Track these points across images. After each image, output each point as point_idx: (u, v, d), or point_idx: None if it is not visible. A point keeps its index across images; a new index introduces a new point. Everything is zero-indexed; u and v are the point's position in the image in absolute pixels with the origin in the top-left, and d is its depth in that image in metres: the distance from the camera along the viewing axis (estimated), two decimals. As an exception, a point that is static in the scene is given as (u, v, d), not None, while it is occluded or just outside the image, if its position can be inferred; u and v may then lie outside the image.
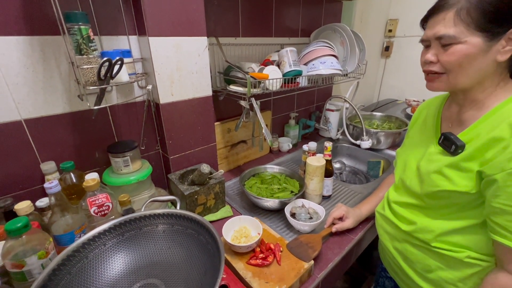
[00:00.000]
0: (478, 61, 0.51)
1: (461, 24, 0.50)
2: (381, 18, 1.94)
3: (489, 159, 0.50)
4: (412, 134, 0.76)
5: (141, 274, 0.58)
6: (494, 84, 0.55)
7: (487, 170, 0.50)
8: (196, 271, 0.57)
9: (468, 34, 0.50)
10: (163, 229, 0.65)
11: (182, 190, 0.83)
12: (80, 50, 0.59)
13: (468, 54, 0.51)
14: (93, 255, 0.57)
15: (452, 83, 0.55)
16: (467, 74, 0.53)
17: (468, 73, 0.53)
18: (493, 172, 0.49)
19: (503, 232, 0.50)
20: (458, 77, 0.54)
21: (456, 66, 0.53)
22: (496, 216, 0.51)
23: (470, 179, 0.53)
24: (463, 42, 0.50)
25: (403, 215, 0.68)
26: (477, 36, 0.49)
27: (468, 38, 0.50)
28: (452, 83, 0.55)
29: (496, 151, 0.49)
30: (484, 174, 0.50)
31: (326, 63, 1.11)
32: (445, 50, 0.53)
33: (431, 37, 0.54)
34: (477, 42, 0.50)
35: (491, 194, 0.50)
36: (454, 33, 0.50)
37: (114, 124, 0.84)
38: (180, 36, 0.81)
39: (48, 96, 0.70)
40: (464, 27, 0.50)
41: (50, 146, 0.74)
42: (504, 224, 0.49)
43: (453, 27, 0.50)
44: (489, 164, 0.49)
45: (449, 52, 0.52)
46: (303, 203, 0.90)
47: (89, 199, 0.61)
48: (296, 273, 0.65)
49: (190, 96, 0.91)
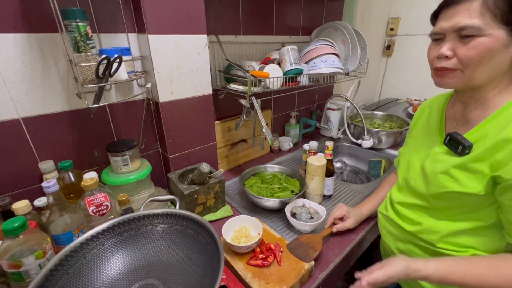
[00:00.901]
0: (498, 56, 0.48)
1: (487, 15, 0.47)
2: (383, 17, 1.92)
3: (502, 162, 0.48)
4: (414, 134, 0.75)
5: (140, 275, 0.57)
6: (503, 83, 0.53)
7: (504, 175, 0.48)
8: (196, 272, 0.57)
9: (494, 26, 0.47)
10: (162, 229, 0.64)
11: (182, 189, 0.82)
12: (78, 47, 0.58)
13: (491, 48, 0.48)
14: (91, 255, 0.56)
15: (467, 79, 0.52)
16: (484, 70, 0.50)
17: (486, 70, 0.50)
18: (510, 176, 0.47)
19: None
20: (475, 74, 0.51)
21: (476, 62, 0.49)
22: None
23: (479, 181, 0.52)
24: (487, 35, 0.47)
25: (408, 216, 0.67)
26: (501, 29, 0.47)
27: (493, 31, 0.47)
28: (467, 80, 0.52)
29: (507, 153, 0.48)
30: (501, 179, 0.49)
31: (327, 61, 1.10)
32: (464, 43, 0.49)
33: (448, 29, 0.51)
34: (501, 36, 0.47)
35: (509, 199, 0.49)
36: (481, 24, 0.47)
37: (113, 122, 0.84)
38: (179, 34, 0.81)
39: (47, 94, 0.70)
40: (490, 18, 0.47)
41: (48, 144, 0.73)
42: None
43: (480, 17, 0.47)
44: (505, 169, 0.48)
45: (470, 45, 0.49)
46: (304, 203, 0.89)
47: (87, 198, 0.61)
48: (296, 273, 0.65)
49: (190, 95, 0.90)
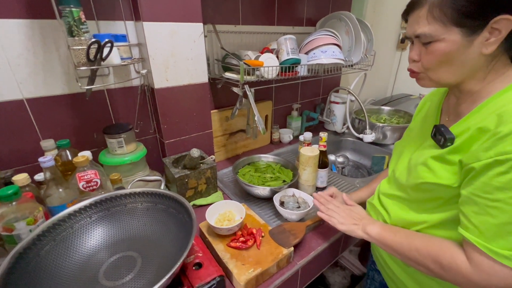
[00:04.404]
0: (460, 57, 0.48)
1: (435, 22, 0.47)
2: (397, 9, 1.84)
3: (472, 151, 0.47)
4: (412, 126, 0.74)
5: (121, 247, 0.61)
6: (492, 74, 0.51)
7: (465, 159, 0.47)
8: (173, 247, 0.59)
9: (445, 31, 0.47)
10: (147, 207, 0.67)
11: (173, 173, 0.86)
12: (71, 32, 0.62)
13: (448, 52, 0.48)
14: (78, 226, 0.61)
15: (434, 80, 0.53)
16: (449, 71, 0.51)
17: (450, 70, 0.50)
18: (470, 161, 0.46)
19: (466, 224, 0.47)
20: (439, 75, 0.52)
21: (435, 65, 0.51)
22: (464, 206, 0.48)
23: (453, 172, 0.51)
24: (441, 40, 0.47)
25: (389, 208, 0.67)
26: (455, 32, 0.46)
27: (445, 36, 0.47)
28: (436, 81, 0.53)
29: (480, 143, 0.46)
30: (463, 163, 0.48)
31: (327, 52, 1.08)
32: (426, 48, 0.50)
33: (411, 35, 0.52)
34: (456, 39, 0.46)
35: (465, 183, 0.47)
36: (430, 31, 0.48)
37: (111, 107, 0.88)
38: (175, 21, 0.83)
39: (48, 77, 0.75)
40: (439, 25, 0.47)
41: (50, 125, 0.79)
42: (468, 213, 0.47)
43: (428, 26, 0.48)
44: (468, 153, 0.47)
45: (428, 50, 0.50)
46: (294, 192, 0.90)
47: (78, 174, 0.65)
48: (273, 258, 0.66)
49: (186, 82, 0.92)
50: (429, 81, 0.54)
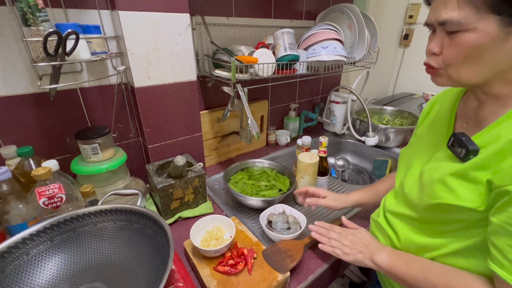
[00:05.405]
0: (491, 53, 0.39)
1: (467, 6, 0.37)
2: (402, 2, 1.74)
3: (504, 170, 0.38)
4: (419, 132, 0.65)
5: (87, 277, 0.52)
6: None
7: (496, 180, 0.38)
8: (147, 276, 0.50)
9: (478, 19, 0.37)
10: (121, 226, 0.58)
11: (156, 182, 0.76)
12: (26, 20, 0.52)
13: (478, 45, 0.39)
14: (35, 252, 0.51)
15: (454, 79, 0.44)
16: (473, 69, 0.41)
17: (475, 69, 0.41)
18: (504, 183, 0.37)
19: (500, 259, 0.39)
20: (462, 73, 0.42)
21: (459, 61, 0.41)
22: (496, 237, 0.40)
23: (479, 193, 0.42)
24: (471, 30, 0.38)
25: (397, 229, 0.58)
26: (490, 21, 0.37)
27: (477, 24, 0.38)
28: (456, 80, 0.44)
29: None
30: (493, 184, 0.39)
31: (329, 48, 0.98)
32: (450, 39, 0.41)
33: (433, 23, 0.43)
34: (491, 29, 0.37)
35: (496, 208, 0.39)
36: (459, 17, 0.38)
37: (86, 108, 0.78)
38: (157, 11, 0.73)
39: (8, 74, 0.64)
40: (471, 10, 0.37)
41: (12, 129, 0.69)
42: (503, 247, 0.39)
43: (457, 10, 0.38)
44: (500, 173, 0.38)
45: (454, 41, 0.40)
46: (284, 209, 0.79)
47: (38, 189, 0.55)
48: (267, 285, 0.57)
49: (171, 81, 0.82)
50: (448, 80, 0.45)
